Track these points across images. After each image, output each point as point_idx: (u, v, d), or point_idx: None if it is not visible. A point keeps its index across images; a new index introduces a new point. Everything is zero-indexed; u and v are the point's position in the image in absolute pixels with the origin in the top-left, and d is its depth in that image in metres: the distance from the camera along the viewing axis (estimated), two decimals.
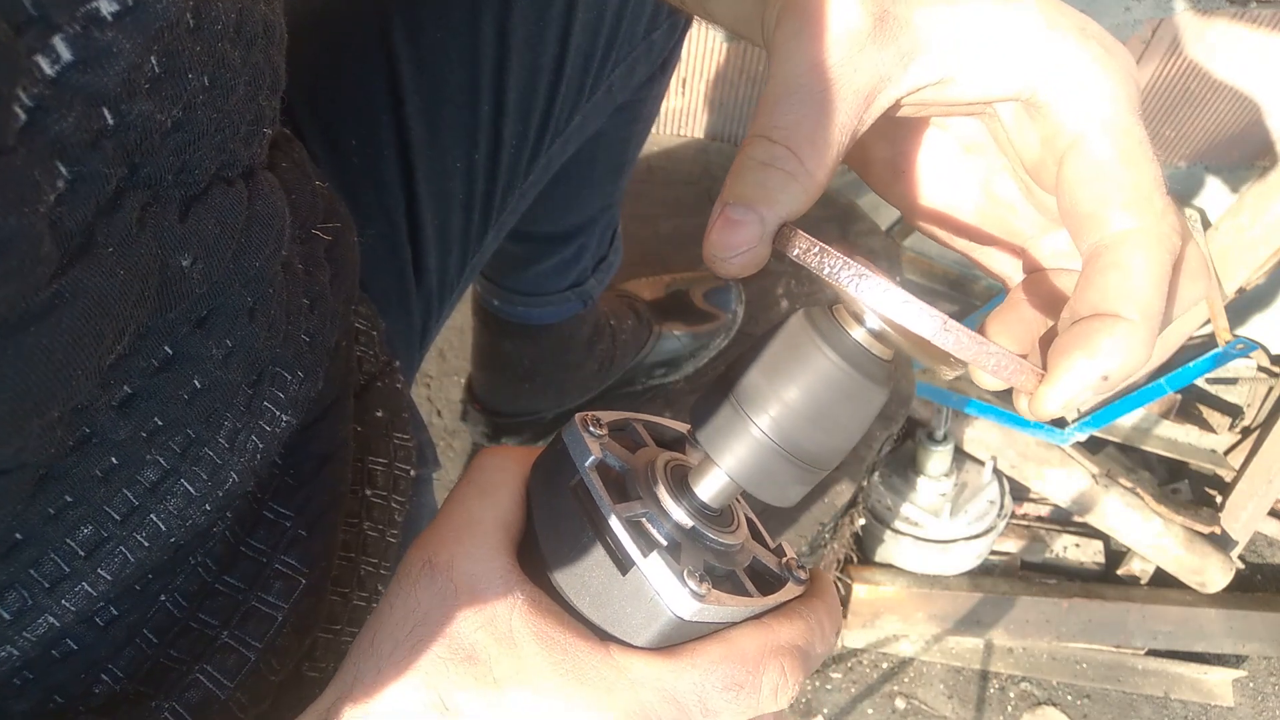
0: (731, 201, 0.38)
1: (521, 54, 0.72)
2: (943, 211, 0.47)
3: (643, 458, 0.44)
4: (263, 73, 0.40)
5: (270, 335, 0.44)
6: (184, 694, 0.46)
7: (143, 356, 0.37)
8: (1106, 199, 0.36)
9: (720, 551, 0.42)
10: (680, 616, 0.38)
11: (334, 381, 0.54)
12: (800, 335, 0.38)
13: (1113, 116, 0.37)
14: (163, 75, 0.32)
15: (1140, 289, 0.35)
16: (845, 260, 0.35)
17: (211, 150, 0.37)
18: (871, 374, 0.38)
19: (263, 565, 0.49)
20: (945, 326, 0.34)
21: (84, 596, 0.39)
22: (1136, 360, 0.35)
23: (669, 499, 0.41)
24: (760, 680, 0.40)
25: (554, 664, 0.38)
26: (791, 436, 0.38)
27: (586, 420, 0.43)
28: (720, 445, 0.39)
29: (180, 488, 0.41)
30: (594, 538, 0.40)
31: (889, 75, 0.38)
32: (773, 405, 0.38)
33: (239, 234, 0.40)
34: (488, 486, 0.43)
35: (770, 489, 0.40)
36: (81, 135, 0.28)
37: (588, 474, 0.40)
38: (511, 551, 0.41)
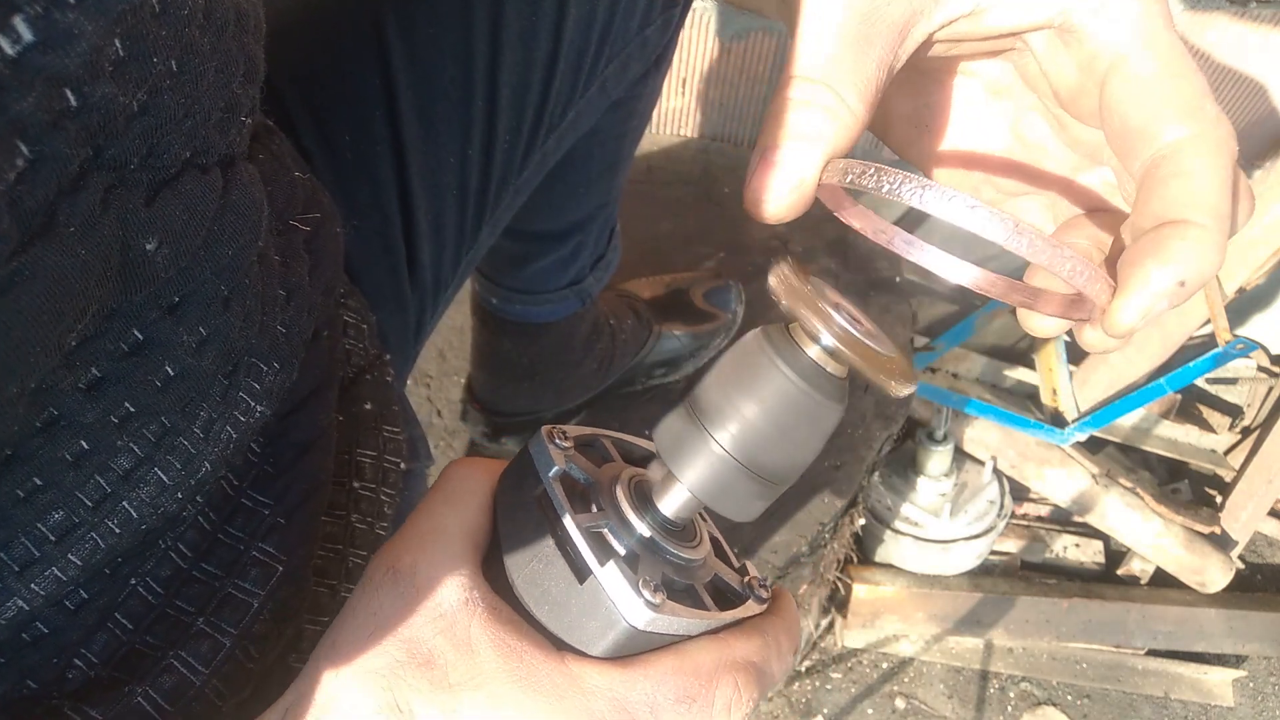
0: (772, 144, 0.37)
1: (514, 49, 0.72)
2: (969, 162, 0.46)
3: (608, 472, 0.45)
4: (235, 60, 0.40)
5: (246, 326, 0.44)
6: (158, 679, 0.46)
7: (110, 339, 0.37)
8: (1158, 112, 0.36)
9: (680, 565, 0.43)
10: (634, 626, 0.39)
11: (313, 371, 0.54)
12: (757, 354, 0.39)
13: (1151, 32, 0.37)
14: (127, 58, 0.32)
15: (1207, 191, 0.34)
16: (905, 175, 0.34)
17: (181, 136, 0.37)
18: (827, 391, 0.39)
19: (239, 553, 0.50)
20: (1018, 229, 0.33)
21: (54, 581, 0.39)
22: (1212, 264, 0.34)
23: (630, 512, 0.42)
24: (713, 694, 0.40)
25: (508, 671, 0.38)
26: (750, 452, 0.39)
27: (553, 433, 0.44)
28: (681, 460, 0.40)
29: (154, 476, 0.41)
30: (554, 547, 0.40)
31: (922, 9, 0.37)
32: (732, 422, 0.39)
33: (210, 222, 0.40)
34: (454, 496, 0.43)
35: (730, 504, 0.40)
36: (43, 115, 0.28)
37: (551, 484, 0.41)
38: (475, 559, 0.42)
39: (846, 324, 0.38)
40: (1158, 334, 1.85)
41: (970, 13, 0.38)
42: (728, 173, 1.90)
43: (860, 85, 0.37)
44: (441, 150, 0.74)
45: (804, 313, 0.38)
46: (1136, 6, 0.37)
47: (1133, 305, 0.34)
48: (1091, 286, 0.34)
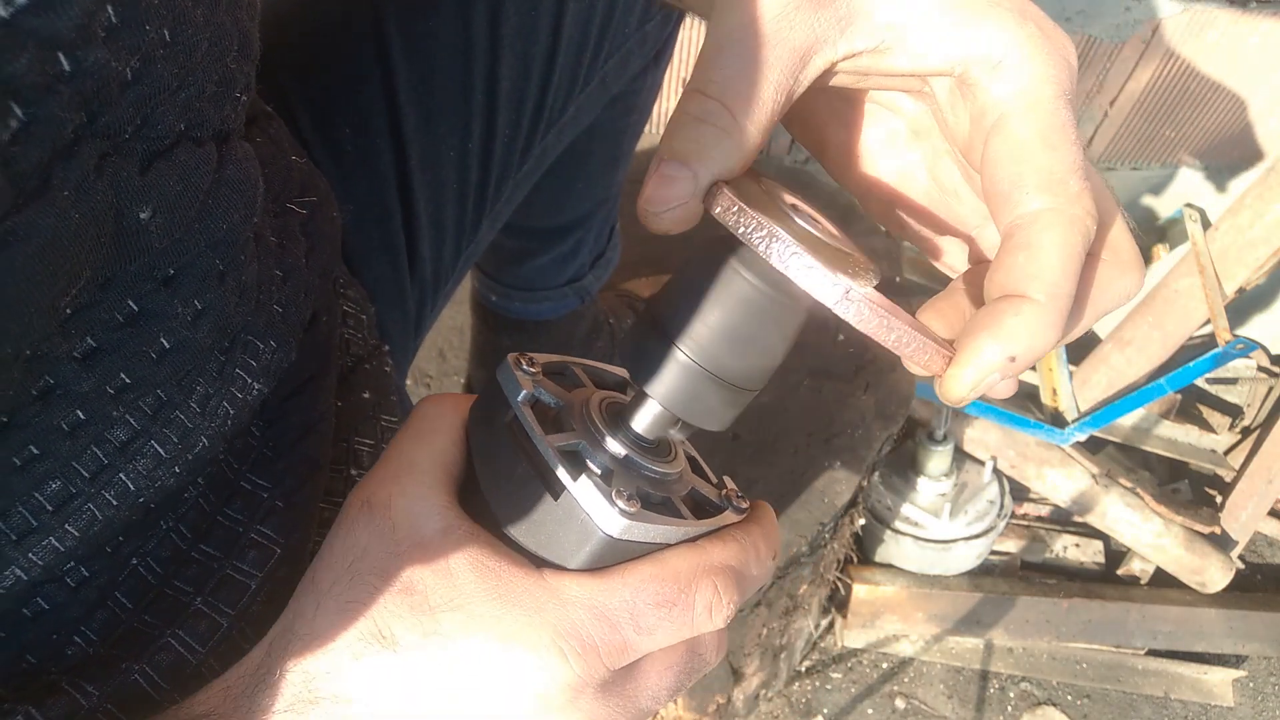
0: (666, 157, 0.38)
1: (514, 43, 0.73)
2: (893, 198, 0.47)
3: (579, 396, 0.45)
4: (229, 34, 0.41)
5: (241, 302, 0.44)
6: (155, 657, 0.46)
7: (105, 309, 0.38)
8: (1021, 179, 0.36)
9: (655, 479, 0.43)
10: (609, 535, 0.39)
11: (312, 355, 0.55)
12: (717, 259, 0.39)
13: (1037, 98, 0.37)
14: (120, 25, 0.32)
15: (1047, 269, 0.35)
16: (759, 221, 0.35)
17: (175, 107, 0.37)
18: (789, 291, 0.38)
19: (238, 535, 0.50)
20: (848, 296, 0.34)
21: (51, 551, 0.40)
22: (1043, 341, 0.35)
23: (603, 430, 0.43)
24: (693, 598, 0.41)
25: (487, 589, 0.39)
26: (717, 359, 0.39)
27: (520, 359, 0.44)
28: (649, 373, 0.40)
29: (150, 448, 0.42)
30: (527, 468, 0.41)
31: (825, 37, 0.38)
32: (696, 329, 0.39)
33: (204, 195, 0.40)
34: (425, 430, 0.44)
35: (701, 413, 0.41)
36: (36, 78, 0.29)
37: (520, 409, 0.42)
38: (449, 489, 0.42)
39: (805, 224, 0.37)
40: (1158, 334, 1.85)
41: (874, 49, 0.39)
42: None
43: (754, 108, 0.38)
44: (441, 144, 0.74)
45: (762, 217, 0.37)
46: (1031, 70, 0.37)
47: (965, 377, 0.36)
48: (920, 358, 0.35)
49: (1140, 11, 1.68)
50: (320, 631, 0.39)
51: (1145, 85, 1.80)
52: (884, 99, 0.45)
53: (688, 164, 0.37)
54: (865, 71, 0.40)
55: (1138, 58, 1.76)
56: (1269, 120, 1.84)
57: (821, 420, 1.51)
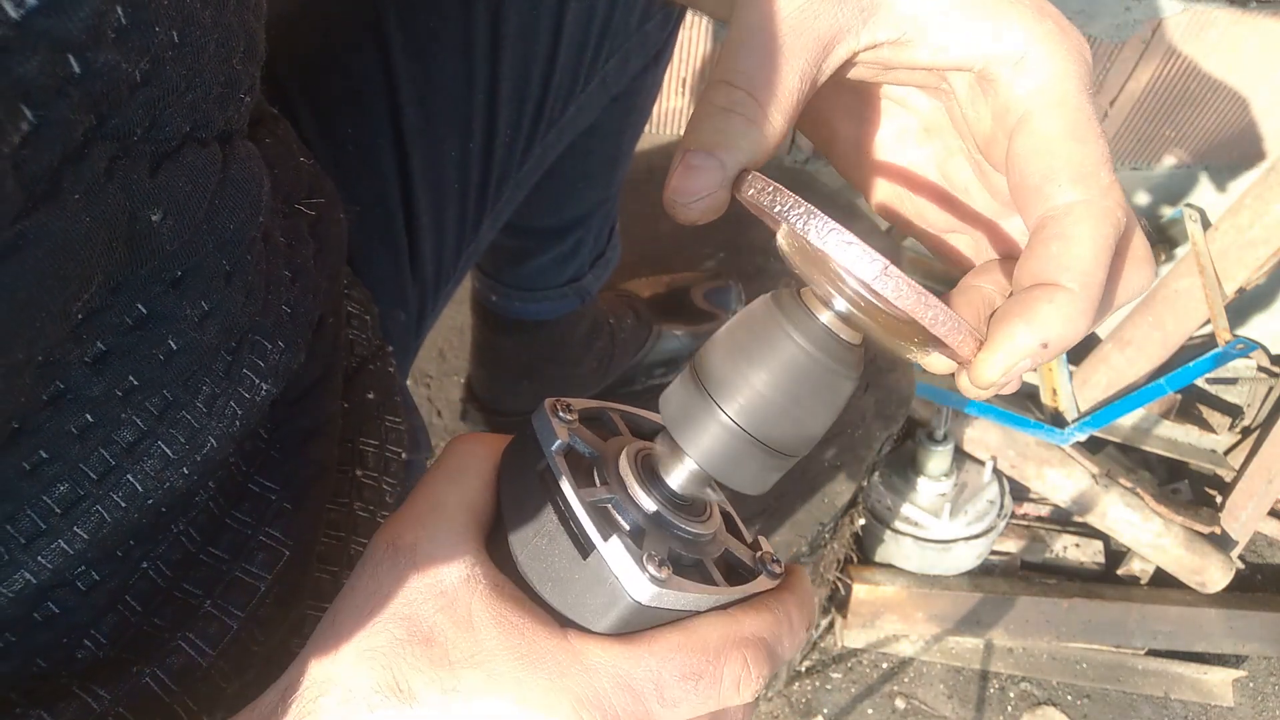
0: (692, 148, 0.38)
1: (514, 44, 0.73)
2: (901, 194, 0.47)
3: (614, 446, 0.43)
4: (236, 35, 0.41)
5: (248, 302, 0.44)
6: (165, 660, 0.46)
7: (115, 313, 0.38)
8: (1053, 173, 0.37)
9: (688, 540, 0.42)
10: (638, 601, 0.38)
11: (319, 357, 0.54)
12: (768, 320, 0.38)
13: (1062, 93, 0.37)
14: (129, 26, 0.32)
15: (1081, 259, 0.35)
16: (796, 200, 0.34)
17: (183, 109, 0.37)
18: (840, 358, 0.37)
19: (246, 537, 0.50)
20: (886, 271, 0.33)
21: (60, 554, 0.40)
22: (1075, 329, 0.35)
23: (636, 486, 0.41)
24: (721, 671, 0.39)
25: (509, 648, 0.38)
26: (760, 424, 0.38)
27: (556, 406, 0.42)
28: (688, 432, 0.39)
29: (157, 449, 0.41)
30: (557, 522, 0.39)
31: (848, 26, 0.38)
32: (741, 392, 0.38)
33: (211, 194, 0.40)
34: (456, 471, 0.43)
35: (740, 477, 0.39)
36: (46, 80, 0.29)
37: (554, 458, 0.40)
38: (477, 536, 0.41)
39: (862, 289, 0.36)
40: (1158, 334, 1.85)
41: (896, 41, 0.39)
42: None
43: (779, 97, 0.38)
44: (442, 144, 0.74)
45: (816, 276, 0.36)
46: (1053, 66, 0.37)
47: (997, 361, 0.35)
48: (952, 337, 0.34)
49: (1140, 11, 1.68)
50: (338, 679, 0.38)
51: (1145, 85, 1.80)
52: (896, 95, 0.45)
53: (714, 153, 0.37)
54: (886, 64, 0.40)
55: (1138, 58, 1.76)
56: (1269, 120, 1.84)
57: None
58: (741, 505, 0.48)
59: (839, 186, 1.85)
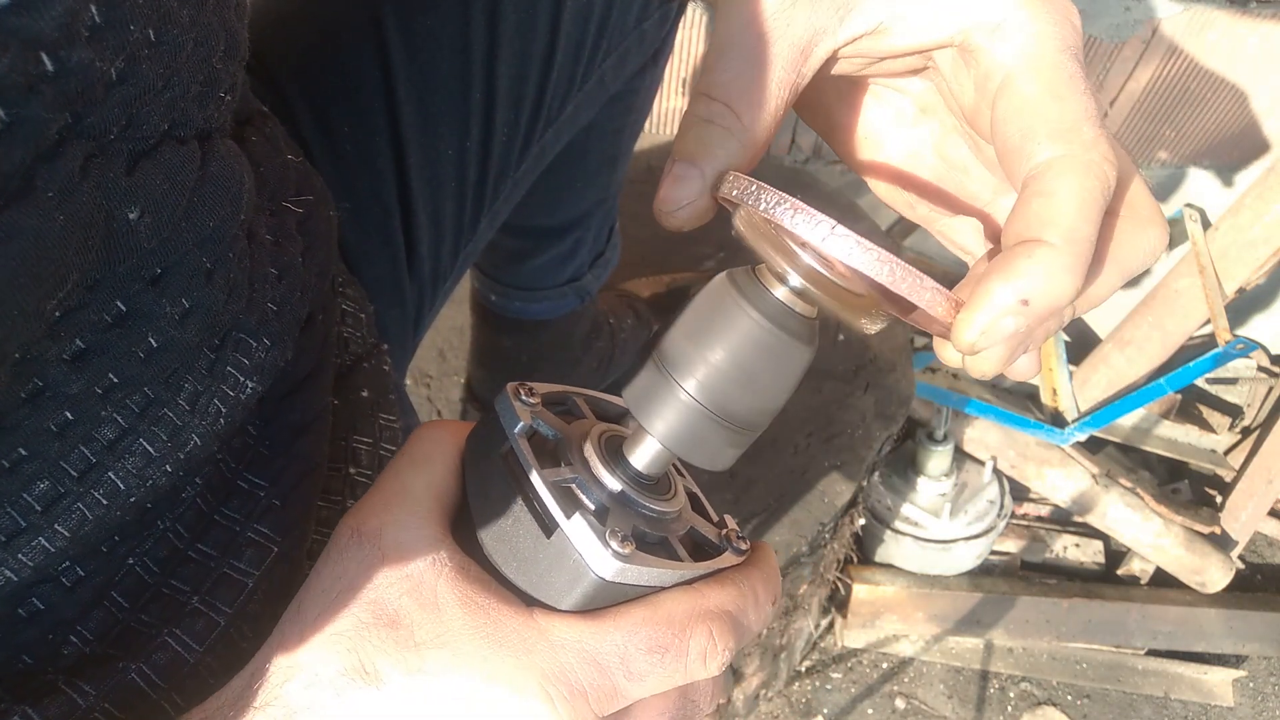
0: (676, 158, 0.39)
1: (512, 42, 0.73)
2: (901, 177, 0.47)
3: (578, 429, 0.44)
4: (215, 34, 0.41)
5: (231, 300, 0.44)
6: (152, 656, 0.46)
7: (94, 310, 0.38)
8: (1031, 131, 0.36)
9: (653, 518, 0.42)
10: (602, 577, 0.38)
11: (309, 354, 0.54)
12: (723, 296, 0.38)
13: (1040, 53, 0.37)
14: (103, 25, 0.32)
15: (1062, 213, 0.34)
16: (751, 180, 0.35)
17: (160, 107, 0.37)
18: (795, 332, 0.38)
19: (235, 534, 0.50)
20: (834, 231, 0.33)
21: (42, 552, 0.40)
22: (1059, 286, 0.33)
23: (600, 466, 0.41)
24: (686, 644, 0.39)
25: (475, 628, 0.38)
26: (719, 399, 0.38)
27: (519, 389, 0.43)
28: (649, 411, 0.39)
29: (139, 447, 0.41)
30: (521, 503, 0.40)
31: (825, 27, 0.38)
32: (699, 368, 0.38)
33: (189, 193, 0.40)
34: (421, 457, 0.43)
35: (702, 453, 0.40)
36: (18, 78, 0.29)
37: (516, 440, 0.41)
38: (442, 519, 0.41)
39: (814, 263, 0.36)
40: (1158, 334, 1.85)
41: (874, 30, 0.39)
42: None
43: (757, 106, 0.38)
44: (440, 142, 0.74)
45: (770, 252, 0.37)
46: (1031, 28, 0.37)
47: (975, 320, 0.34)
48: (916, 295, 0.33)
49: (1140, 11, 1.68)
50: (303, 664, 0.38)
51: (1145, 85, 1.80)
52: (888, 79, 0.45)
53: (695, 163, 0.38)
54: (867, 55, 0.40)
55: (1138, 58, 1.76)
56: (1269, 120, 1.84)
57: (821, 420, 1.51)
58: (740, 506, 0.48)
59: (839, 186, 1.85)
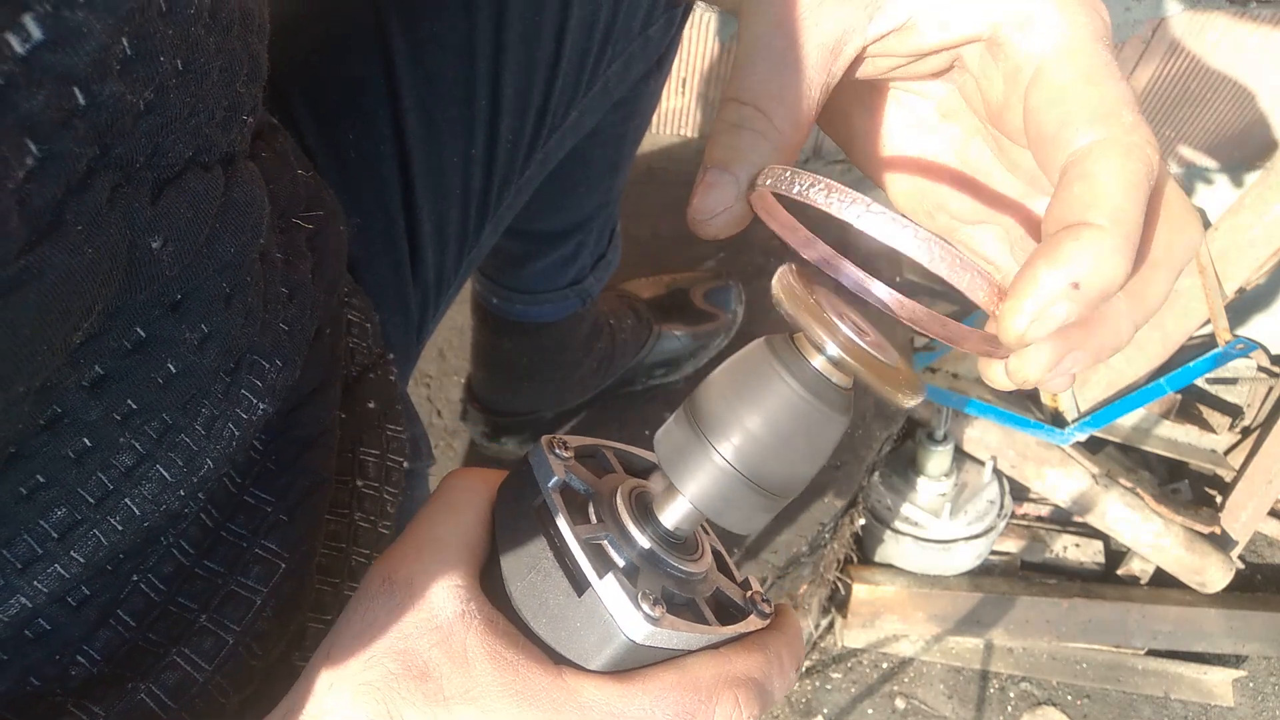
0: (709, 165, 0.38)
1: (517, 49, 0.73)
2: (923, 184, 0.46)
3: (608, 483, 0.44)
4: (239, 59, 0.40)
5: (247, 323, 0.44)
6: (161, 676, 0.46)
7: (114, 337, 0.37)
8: (1069, 117, 0.35)
9: (681, 579, 0.42)
10: (633, 639, 0.38)
11: (316, 368, 0.54)
12: (762, 363, 0.38)
13: (1071, 42, 0.36)
14: (134, 57, 0.32)
15: (1107, 194, 0.33)
16: (815, 178, 0.34)
17: (186, 134, 0.37)
18: (832, 402, 0.38)
19: (242, 550, 0.50)
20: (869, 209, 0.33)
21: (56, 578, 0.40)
22: (1110, 268, 0.32)
23: (631, 524, 0.42)
24: (713, 711, 0.39)
25: (504, 684, 0.38)
26: (754, 464, 0.38)
27: (553, 443, 0.43)
28: (683, 471, 0.39)
29: (156, 473, 0.41)
30: (553, 559, 0.40)
31: (853, 25, 0.38)
32: (735, 433, 0.38)
33: (212, 220, 0.40)
34: (453, 506, 0.43)
35: (732, 516, 0.40)
36: (52, 114, 0.28)
37: (550, 495, 0.41)
38: (472, 571, 0.41)
39: (852, 334, 0.37)
40: (1158, 334, 1.85)
41: (902, 27, 0.39)
42: None
43: (789, 108, 0.38)
44: (445, 150, 0.74)
45: (809, 322, 0.37)
46: (1062, 19, 0.37)
47: (1024, 309, 0.32)
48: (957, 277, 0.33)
49: (1140, 11, 1.68)
50: (331, 712, 0.38)
51: (1145, 85, 1.80)
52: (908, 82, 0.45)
53: (728, 169, 0.38)
54: (895, 53, 0.40)
55: (1138, 58, 1.75)
56: (1269, 120, 1.84)
57: None
58: None
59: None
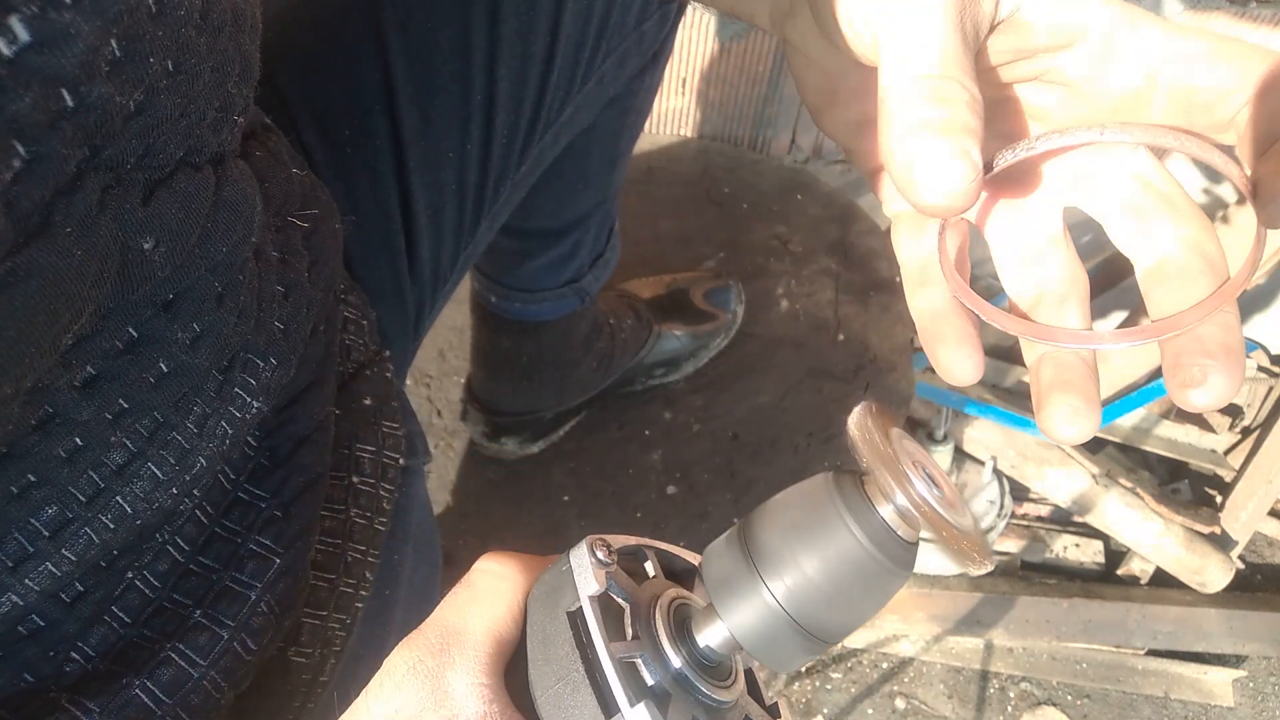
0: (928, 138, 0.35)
1: (512, 44, 0.73)
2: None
3: (647, 591, 0.42)
4: (231, 60, 0.40)
5: (240, 322, 0.44)
6: (156, 672, 0.46)
7: (105, 338, 0.37)
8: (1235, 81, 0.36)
9: (711, 708, 0.41)
10: None
11: (310, 365, 0.54)
12: (825, 504, 0.37)
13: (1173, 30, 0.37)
14: (123, 59, 0.32)
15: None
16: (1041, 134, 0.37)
17: (176, 135, 0.37)
18: (895, 557, 0.36)
19: (237, 546, 0.50)
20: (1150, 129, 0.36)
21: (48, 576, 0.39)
22: None
23: (666, 642, 0.40)
24: None
25: None
26: (804, 608, 0.37)
27: (595, 545, 0.41)
28: (729, 602, 0.38)
29: (147, 471, 0.41)
30: (583, 673, 0.38)
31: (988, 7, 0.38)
32: (789, 573, 0.37)
33: (204, 220, 0.40)
34: (485, 594, 0.42)
35: (772, 654, 0.39)
36: (39, 116, 0.28)
37: (589, 605, 0.39)
38: (498, 668, 0.40)
39: (925, 490, 0.36)
40: None
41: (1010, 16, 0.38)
42: (728, 173, 1.90)
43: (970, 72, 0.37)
44: (440, 145, 0.74)
45: (882, 471, 0.36)
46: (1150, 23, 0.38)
47: None
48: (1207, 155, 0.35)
49: None
50: None
51: None
52: None
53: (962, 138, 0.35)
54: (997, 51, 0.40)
55: None
56: None
57: (821, 420, 1.51)
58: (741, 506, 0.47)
59: (839, 186, 1.85)
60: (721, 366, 1.59)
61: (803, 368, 1.57)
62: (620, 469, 1.48)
